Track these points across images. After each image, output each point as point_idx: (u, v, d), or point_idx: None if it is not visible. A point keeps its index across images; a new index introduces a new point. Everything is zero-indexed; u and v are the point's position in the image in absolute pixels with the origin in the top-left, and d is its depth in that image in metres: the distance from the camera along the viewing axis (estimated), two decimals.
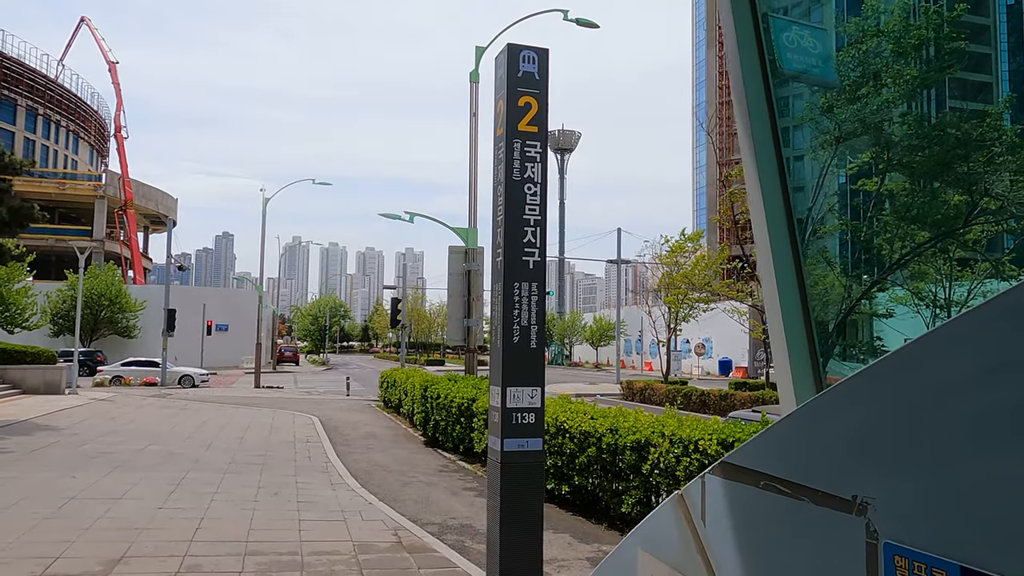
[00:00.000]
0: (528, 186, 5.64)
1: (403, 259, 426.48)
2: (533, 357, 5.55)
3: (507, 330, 5.46)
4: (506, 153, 5.58)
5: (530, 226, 5.64)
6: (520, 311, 5.54)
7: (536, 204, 5.65)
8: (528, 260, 5.61)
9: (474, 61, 18.13)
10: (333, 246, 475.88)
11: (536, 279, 5.61)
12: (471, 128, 17.90)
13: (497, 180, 5.74)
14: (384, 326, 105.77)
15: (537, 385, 5.55)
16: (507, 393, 5.41)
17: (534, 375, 5.54)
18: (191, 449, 14.55)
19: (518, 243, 5.58)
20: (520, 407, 5.46)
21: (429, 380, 17.80)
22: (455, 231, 18.32)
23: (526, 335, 5.53)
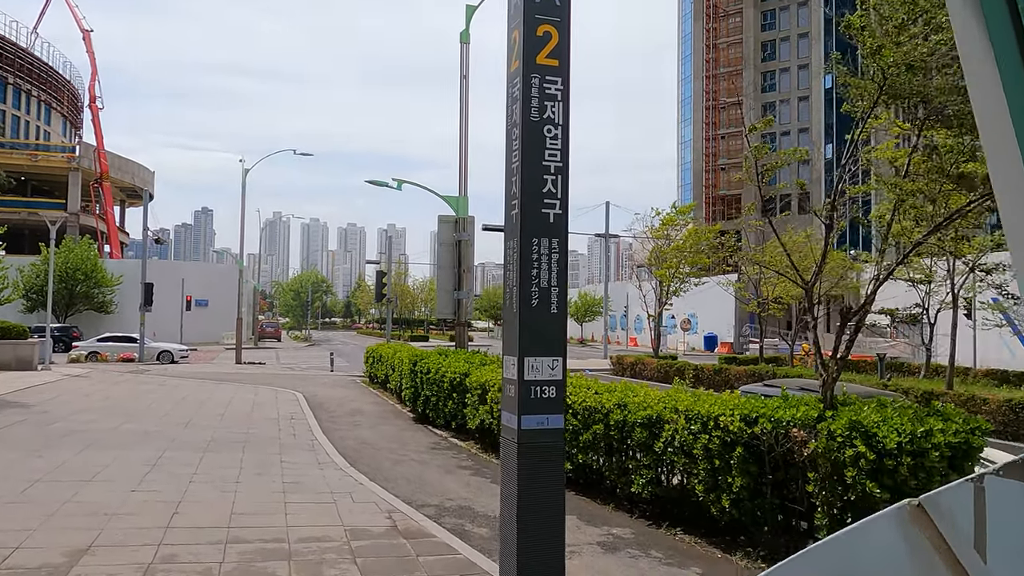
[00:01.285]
0: (548, 128, 4.93)
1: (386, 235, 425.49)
2: (554, 323, 4.88)
3: (524, 293, 4.78)
4: (522, 90, 4.86)
5: (550, 174, 4.94)
6: (539, 271, 4.86)
7: (557, 149, 4.95)
8: (548, 213, 4.92)
9: (464, 21, 17.24)
10: (314, 222, 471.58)
11: (557, 235, 4.92)
12: (461, 91, 17.07)
13: (511, 121, 5.03)
14: (367, 302, 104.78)
15: (558, 355, 4.89)
16: (524, 364, 4.75)
17: (555, 344, 4.87)
18: (169, 427, 13.82)
19: (536, 193, 4.89)
20: (539, 380, 4.80)
21: (418, 355, 17.14)
22: (445, 199, 17.57)
23: (546, 298, 4.86)
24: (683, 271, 28.24)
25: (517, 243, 4.85)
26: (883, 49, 6.09)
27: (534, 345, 4.79)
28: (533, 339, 4.78)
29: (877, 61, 6.22)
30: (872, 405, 6.64)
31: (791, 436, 6.71)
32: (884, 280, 6.84)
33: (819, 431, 6.51)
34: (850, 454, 6.10)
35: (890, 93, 6.73)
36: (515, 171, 4.96)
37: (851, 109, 7.46)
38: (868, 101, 6.70)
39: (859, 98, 7.02)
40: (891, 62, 6.20)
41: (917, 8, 6.51)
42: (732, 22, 79.29)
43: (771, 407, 7.24)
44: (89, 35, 71.55)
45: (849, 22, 6.95)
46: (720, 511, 7.37)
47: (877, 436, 6.08)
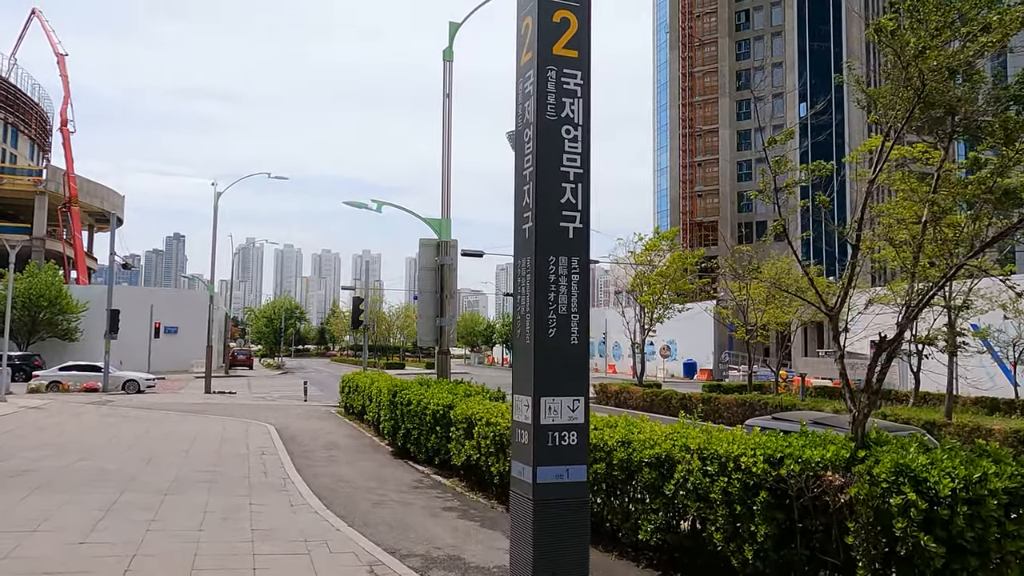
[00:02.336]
0: (566, 128, 4.25)
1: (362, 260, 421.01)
2: (574, 356, 4.16)
3: (540, 320, 4.05)
4: (537, 85, 4.18)
5: (569, 181, 4.24)
6: (557, 295, 4.14)
7: (577, 153, 4.26)
8: (566, 228, 4.22)
9: (447, 38, 16.68)
10: (288, 248, 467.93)
11: (577, 253, 4.22)
12: (444, 109, 16.45)
13: (523, 121, 4.33)
14: (341, 328, 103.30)
15: (579, 394, 4.16)
16: (541, 406, 4.00)
17: (576, 380, 4.15)
18: (129, 464, 12.81)
19: (553, 204, 4.19)
20: (558, 424, 4.07)
21: (398, 385, 16.27)
22: (426, 221, 16.84)
23: (565, 327, 4.14)
24: (667, 297, 27.72)
25: (531, 262, 4.13)
26: (928, 51, 5.51)
27: (552, 382, 4.05)
28: (550, 375, 4.05)
29: (919, 64, 5.64)
30: (914, 445, 5.97)
31: (824, 480, 6.01)
32: (922, 306, 6.22)
33: (857, 474, 5.82)
34: (898, 502, 5.40)
35: (927, 101, 6.16)
36: (527, 178, 4.25)
37: (879, 119, 6.88)
38: (903, 109, 6.11)
39: (890, 107, 6.44)
40: (934, 65, 5.62)
41: (952, 10, 5.96)
42: (708, 51, 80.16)
43: (796, 446, 6.55)
44: (64, 59, 70.28)
45: (880, 25, 6.38)
46: (742, 562, 6.62)
47: (928, 481, 5.40)
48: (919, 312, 6.36)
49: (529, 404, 4.00)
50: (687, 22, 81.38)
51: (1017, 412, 21.76)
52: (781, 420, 9.56)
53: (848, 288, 6.76)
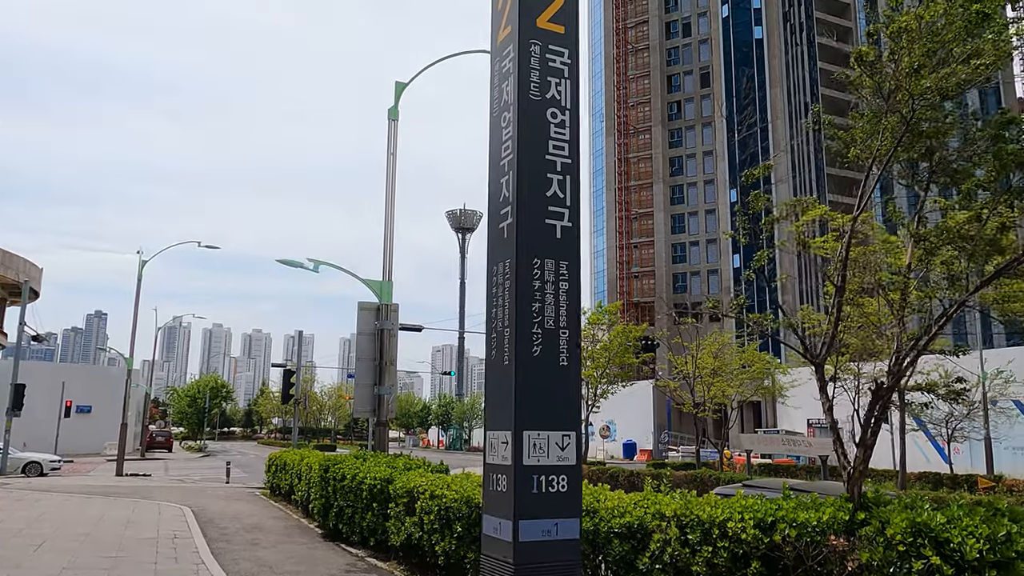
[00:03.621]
0: (552, 111, 3.60)
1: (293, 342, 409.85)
2: (564, 381, 3.39)
3: (522, 336, 3.29)
4: (518, 61, 3.54)
5: (555, 172, 3.57)
6: (543, 305, 3.40)
7: (564, 140, 3.61)
8: (553, 226, 3.52)
9: (393, 98, 16.28)
10: (217, 327, 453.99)
11: (567, 256, 3.51)
12: (388, 167, 15.88)
13: (500, 104, 3.67)
14: (270, 410, 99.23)
15: (571, 427, 3.37)
16: (524, 442, 3.20)
17: (567, 410, 3.36)
18: (15, 552, 11.13)
19: (537, 198, 3.49)
20: (545, 465, 3.25)
21: (331, 459, 14.97)
22: (366, 283, 15.96)
23: (552, 344, 3.38)
24: (611, 371, 27.21)
25: (511, 266, 3.39)
26: (922, 69, 5.17)
27: (538, 412, 3.25)
28: (536, 403, 3.26)
29: (910, 85, 5.28)
30: (925, 504, 5.31)
31: (826, 546, 5.28)
32: (914, 349, 5.72)
33: (866, 538, 5.11)
34: (919, 567, 4.70)
35: (914, 131, 5.81)
36: (506, 168, 3.56)
37: (858, 155, 6.53)
38: (889, 140, 5.75)
39: (872, 135, 6.10)
40: (926, 86, 5.28)
41: (938, 40, 5.69)
42: (642, 139, 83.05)
43: (788, 508, 5.82)
44: None
45: (861, 54, 6.07)
46: None
47: (951, 543, 4.72)
48: (916, 355, 5.86)
49: (508, 441, 3.19)
50: (622, 111, 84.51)
51: (962, 487, 21.65)
52: (753, 487, 8.85)
53: (835, 332, 6.22)
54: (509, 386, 3.26)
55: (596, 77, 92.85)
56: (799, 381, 32.05)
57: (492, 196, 3.65)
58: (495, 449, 3.32)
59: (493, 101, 3.82)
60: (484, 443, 3.42)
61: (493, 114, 3.79)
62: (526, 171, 3.45)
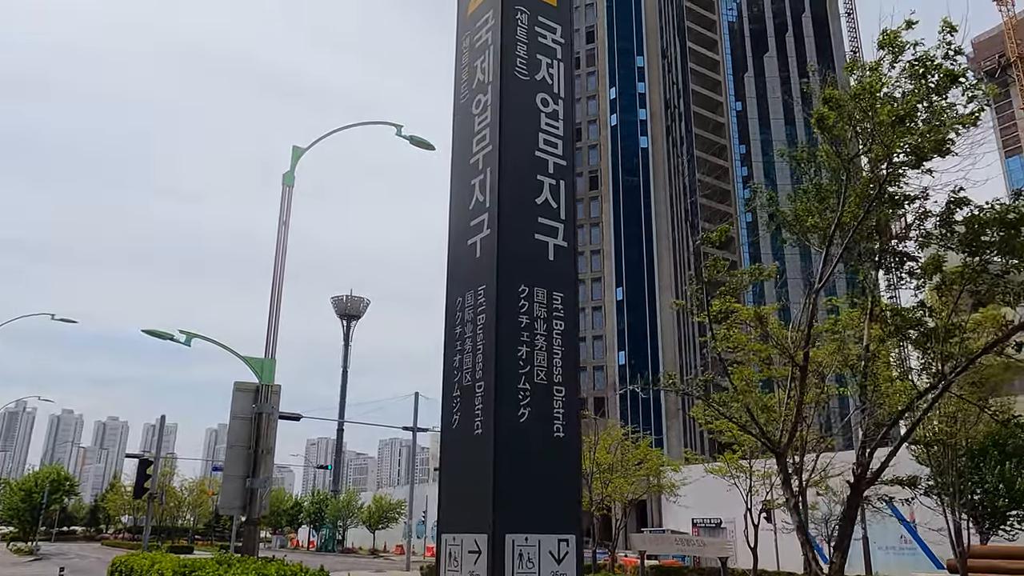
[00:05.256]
0: (543, 98, 2.78)
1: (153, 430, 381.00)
2: (561, 461, 2.37)
3: (504, 393, 2.32)
4: (502, 31, 2.75)
5: (547, 174, 2.72)
6: (532, 350, 2.46)
7: (557, 136, 2.77)
8: (545, 243, 2.65)
9: (290, 163, 15.18)
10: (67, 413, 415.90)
11: (562, 285, 2.61)
12: (280, 235, 14.57)
13: (472, 85, 2.81)
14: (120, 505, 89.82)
15: (569, 531, 2.34)
16: (507, 551, 2.14)
17: (563, 505, 2.34)
18: None
19: (525, 205, 2.62)
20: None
21: (188, 565, 12.83)
22: (246, 361, 14.26)
23: (543, 406, 2.43)
24: None
25: (486, 296, 2.44)
26: (906, 120, 4.77)
27: (525, 507, 2.25)
28: (523, 494, 2.25)
29: (888, 141, 4.87)
30: None
31: None
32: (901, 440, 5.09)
33: None
34: None
35: (882, 196, 5.40)
36: (479, 166, 2.65)
37: (812, 227, 6.08)
38: (854, 207, 5.29)
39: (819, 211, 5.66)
40: (906, 143, 4.87)
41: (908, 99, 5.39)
42: None
43: None
44: None
45: (822, 116, 5.68)
46: None
47: None
48: (900, 444, 5.23)
49: (481, 548, 2.13)
50: None
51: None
52: None
53: (798, 420, 5.56)
54: (482, 468, 2.22)
55: None
56: (689, 479, 31.84)
57: (456, 203, 2.72)
58: (457, 561, 2.23)
59: (460, 85, 2.94)
60: (439, 550, 2.33)
61: (460, 100, 2.91)
62: (510, 169, 2.55)
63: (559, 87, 2.85)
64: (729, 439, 24.37)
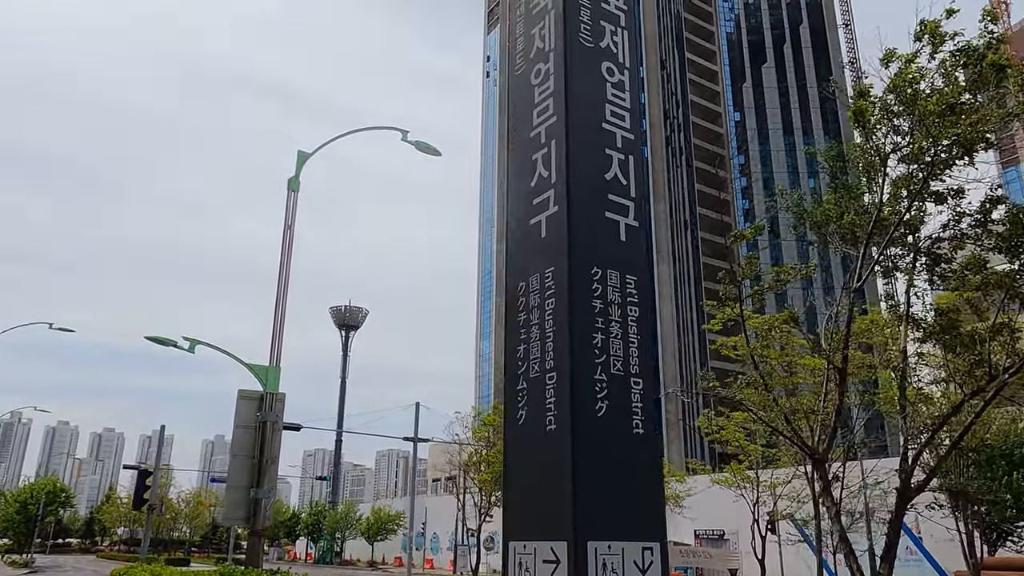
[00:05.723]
0: (608, 67, 2.60)
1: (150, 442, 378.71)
2: (643, 460, 2.15)
3: (580, 384, 2.07)
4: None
5: (616, 148, 2.55)
6: (608, 338, 2.24)
7: (624, 108, 2.61)
8: (616, 223, 2.46)
9: (295, 168, 15.00)
10: (63, 424, 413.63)
11: (635, 267, 2.39)
12: (285, 240, 14.38)
13: (531, 54, 2.64)
14: (115, 518, 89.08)
15: (654, 538, 2.12)
16: (590, 560, 1.91)
17: (647, 509, 2.12)
18: None
19: (595, 181, 2.43)
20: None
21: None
22: (250, 368, 14.02)
23: (622, 399, 2.23)
24: None
25: (556, 278, 2.21)
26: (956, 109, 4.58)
27: (606, 512, 2.00)
28: (604, 497, 2.02)
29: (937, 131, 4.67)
30: None
31: None
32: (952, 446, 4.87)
33: None
34: None
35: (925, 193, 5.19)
36: (542, 139, 2.48)
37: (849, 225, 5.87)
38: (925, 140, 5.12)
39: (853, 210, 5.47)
40: (955, 132, 4.67)
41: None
42: None
43: None
44: None
45: (859, 110, 5.49)
46: None
47: None
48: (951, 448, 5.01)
49: (560, 558, 1.90)
50: None
51: None
52: None
53: (836, 424, 5.34)
54: (558, 467, 2.00)
55: (488, 182, 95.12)
56: (695, 489, 31.54)
57: (515, 181, 2.51)
58: (530, 571, 2.00)
59: (515, 55, 2.73)
60: (505, 559, 2.10)
61: (515, 71, 2.70)
62: (578, 142, 2.35)
63: (624, 56, 2.65)
64: (734, 449, 24.09)
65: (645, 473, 2.13)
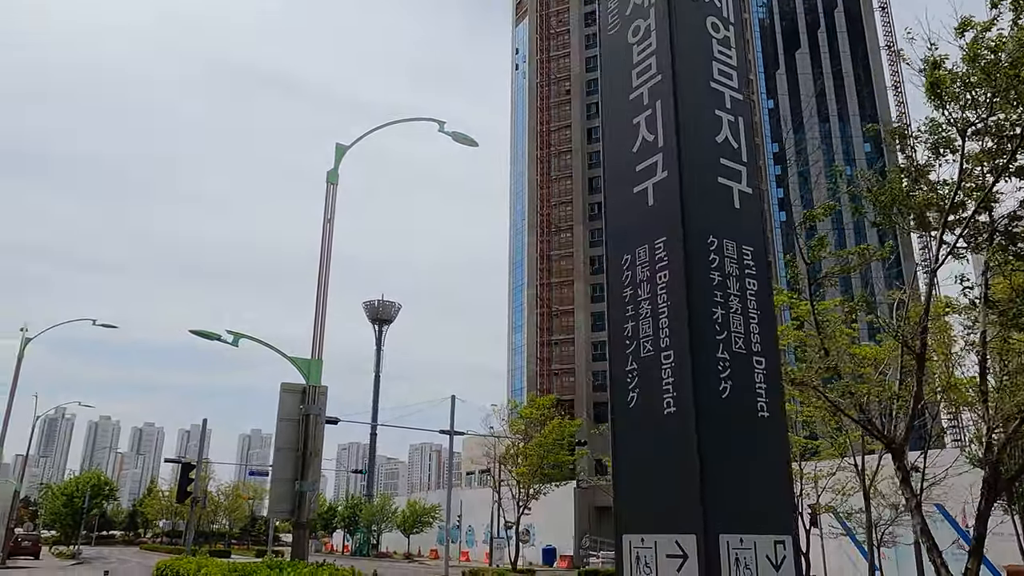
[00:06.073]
0: (713, 22, 2.41)
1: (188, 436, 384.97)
2: (767, 444, 1.98)
3: (703, 362, 1.89)
4: None
5: (725, 109, 2.36)
6: (728, 313, 2.05)
7: (731, 67, 2.41)
8: (729, 188, 2.25)
9: (333, 161, 14.97)
10: (104, 419, 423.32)
11: (752, 238, 2.19)
12: (324, 234, 14.35)
13: (626, 10, 2.39)
14: (158, 510, 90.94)
15: (785, 531, 1.94)
16: (721, 549, 1.74)
17: (776, 499, 1.94)
18: None
19: (704, 144, 2.21)
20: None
21: (238, 569, 12.62)
22: (293, 361, 14.04)
23: (744, 379, 2.04)
24: (545, 469, 25.56)
25: (668, 249, 2.04)
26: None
27: (735, 501, 1.83)
28: (731, 485, 1.84)
29: None
30: None
31: None
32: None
33: None
34: None
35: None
36: (644, 100, 2.32)
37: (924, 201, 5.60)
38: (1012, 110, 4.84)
39: None
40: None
41: None
42: (563, 237, 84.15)
43: None
44: None
45: (936, 80, 5.20)
46: None
47: None
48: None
49: (688, 552, 1.73)
50: (545, 209, 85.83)
51: None
52: None
53: (915, 412, 5.10)
54: (681, 453, 1.83)
55: (519, 175, 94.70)
56: None
57: (614, 148, 2.34)
58: (650, 567, 1.83)
59: (607, 15, 2.56)
60: (619, 554, 1.93)
61: (607, 31, 2.53)
62: (686, 101, 2.16)
63: (728, 10, 2.46)
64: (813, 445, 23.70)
65: (773, 459, 1.95)
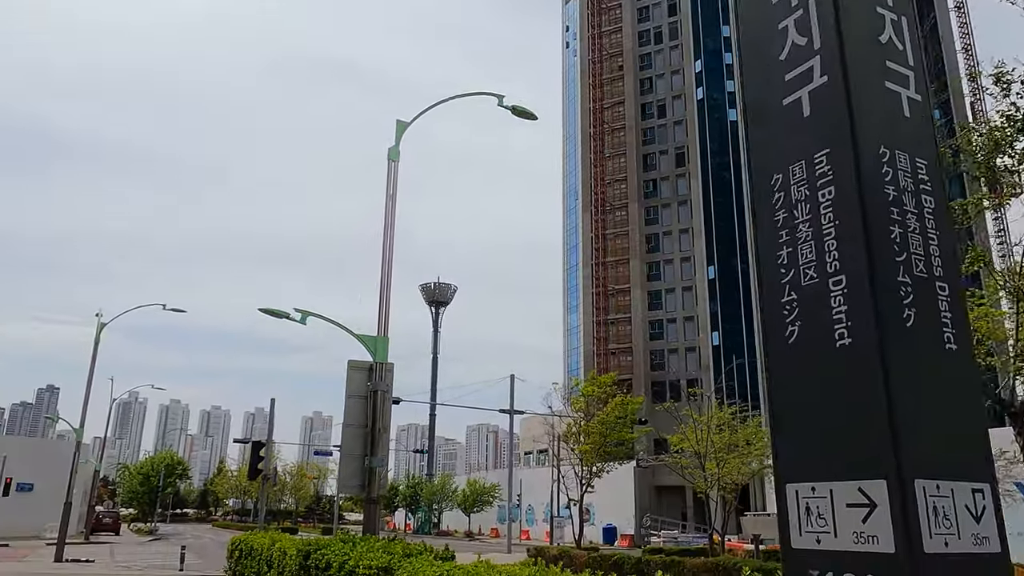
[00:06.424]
0: None
1: (253, 419, 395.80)
2: (957, 380, 1.72)
3: (881, 287, 1.64)
4: None
5: (887, 7, 2.01)
6: (906, 233, 1.76)
7: None
8: (898, 95, 1.93)
9: (394, 138, 14.89)
10: (175, 403, 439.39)
11: (922, 149, 1.90)
12: (387, 211, 14.32)
13: None
14: (227, 489, 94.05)
15: (984, 478, 1.68)
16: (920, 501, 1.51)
17: (971, 441, 1.69)
18: None
19: (868, 45, 1.91)
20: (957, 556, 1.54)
21: (311, 544, 12.79)
22: (359, 339, 14.11)
23: (928, 308, 1.75)
24: (608, 448, 25.30)
25: (835, 163, 1.77)
26: None
27: (930, 443, 1.59)
28: (924, 423, 1.60)
29: None
30: None
31: None
32: None
33: None
34: None
35: None
36: (792, 1, 2.00)
37: None
38: None
39: None
40: None
41: None
42: (618, 216, 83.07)
43: None
44: None
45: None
46: None
47: None
48: None
49: (876, 500, 1.51)
50: (599, 188, 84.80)
51: None
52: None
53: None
54: (863, 390, 1.61)
55: (571, 154, 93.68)
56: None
57: (756, 61, 2.09)
58: (825, 519, 1.61)
59: None
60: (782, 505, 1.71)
61: None
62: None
63: None
64: None
65: (965, 397, 1.70)
